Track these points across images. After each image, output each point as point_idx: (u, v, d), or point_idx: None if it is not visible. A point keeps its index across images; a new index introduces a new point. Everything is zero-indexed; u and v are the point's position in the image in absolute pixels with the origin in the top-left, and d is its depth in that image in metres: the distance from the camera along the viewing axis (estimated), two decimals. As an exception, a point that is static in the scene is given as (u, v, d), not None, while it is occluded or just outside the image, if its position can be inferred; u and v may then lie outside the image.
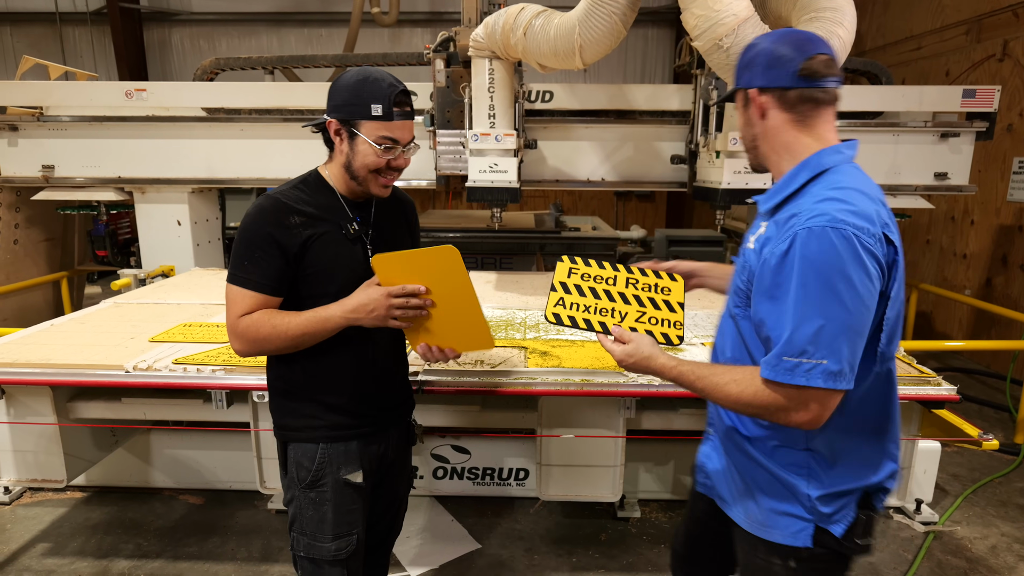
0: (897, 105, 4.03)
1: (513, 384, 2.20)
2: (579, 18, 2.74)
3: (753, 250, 1.30)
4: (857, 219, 1.15)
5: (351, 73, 1.54)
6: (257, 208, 1.53)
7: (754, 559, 1.40)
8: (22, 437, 2.64)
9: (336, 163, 1.60)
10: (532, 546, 2.84)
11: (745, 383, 1.23)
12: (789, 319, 1.16)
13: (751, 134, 1.36)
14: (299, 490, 1.65)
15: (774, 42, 1.30)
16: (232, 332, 1.54)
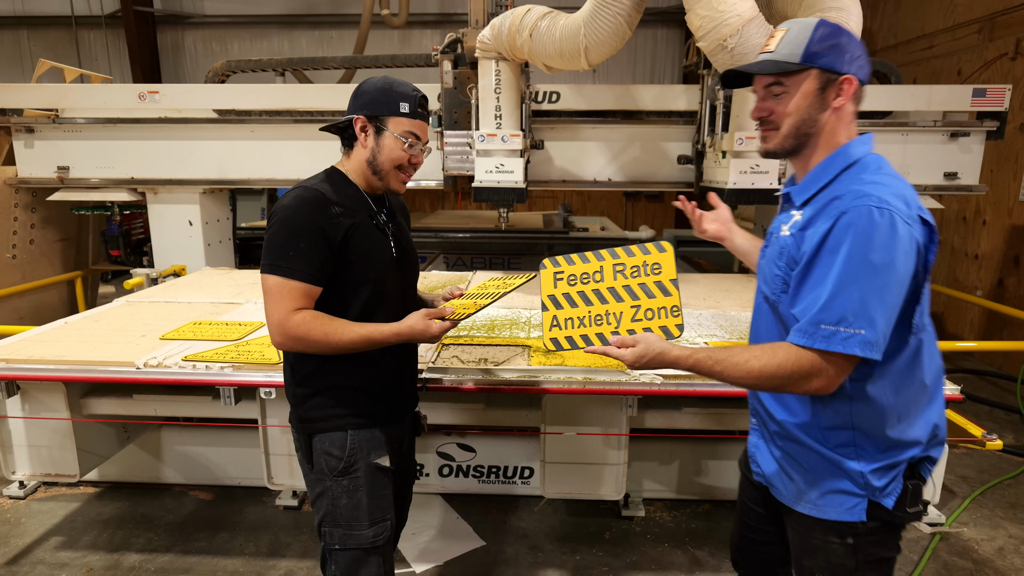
0: (906, 104, 4.00)
1: (516, 382, 2.22)
2: (584, 19, 2.76)
3: (789, 236, 1.33)
4: (897, 200, 1.20)
5: (377, 78, 1.66)
6: (297, 199, 1.56)
7: (811, 540, 1.42)
8: (36, 432, 2.70)
9: (358, 159, 1.67)
10: (536, 544, 2.85)
11: (767, 356, 1.27)
12: (828, 289, 1.21)
13: (812, 118, 1.31)
14: (331, 480, 1.67)
15: (855, 39, 1.32)
16: (278, 327, 1.53)
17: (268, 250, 1.55)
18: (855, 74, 1.29)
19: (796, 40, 1.29)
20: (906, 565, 2.70)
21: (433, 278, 3.88)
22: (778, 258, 1.35)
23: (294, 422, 1.72)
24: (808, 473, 1.40)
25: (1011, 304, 4.93)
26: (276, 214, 1.57)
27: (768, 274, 1.40)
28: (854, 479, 1.35)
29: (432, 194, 10.12)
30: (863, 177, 1.26)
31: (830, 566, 1.40)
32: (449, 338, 2.69)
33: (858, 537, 1.37)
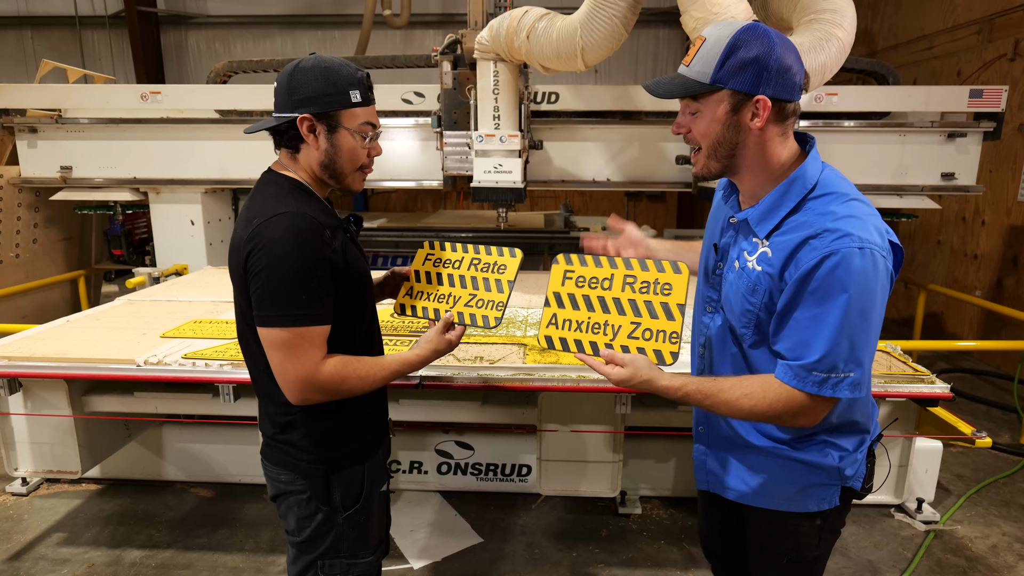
0: (903, 105, 4.02)
1: (511, 380, 2.25)
2: (581, 21, 2.78)
3: (763, 273, 1.27)
4: (874, 235, 1.19)
5: (308, 62, 1.40)
6: (292, 230, 1.33)
7: (782, 527, 1.46)
8: (38, 429, 2.73)
9: (309, 163, 1.44)
10: (533, 541, 2.88)
11: (758, 395, 1.27)
12: (820, 339, 1.20)
13: (732, 140, 1.24)
14: (343, 518, 1.53)
15: (779, 46, 1.20)
16: (307, 383, 1.35)
17: (273, 298, 1.32)
18: (773, 93, 1.19)
19: (708, 57, 1.21)
20: (900, 562, 2.72)
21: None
22: (750, 294, 1.30)
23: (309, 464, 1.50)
24: (785, 478, 1.42)
25: (1009, 304, 4.93)
26: (268, 251, 1.31)
27: (737, 308, 1.34)
28: (830, 474, 1.40)
29: (434, 194, 10.14)
30: (834, 211, 1.21)
31: (798, 547, 1.47)
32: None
33: (826, 518, 1.44)
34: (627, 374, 1.33)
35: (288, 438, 1.49)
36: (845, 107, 3.99)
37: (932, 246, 6.28)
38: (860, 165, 4.13)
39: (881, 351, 2.51)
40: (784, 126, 1.25)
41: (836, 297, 1.17)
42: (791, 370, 1.24)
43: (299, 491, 1.51)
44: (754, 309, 1.30)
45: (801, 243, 1.21)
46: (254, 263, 1.33)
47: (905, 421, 2.52)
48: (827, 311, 1.18)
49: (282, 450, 1.51)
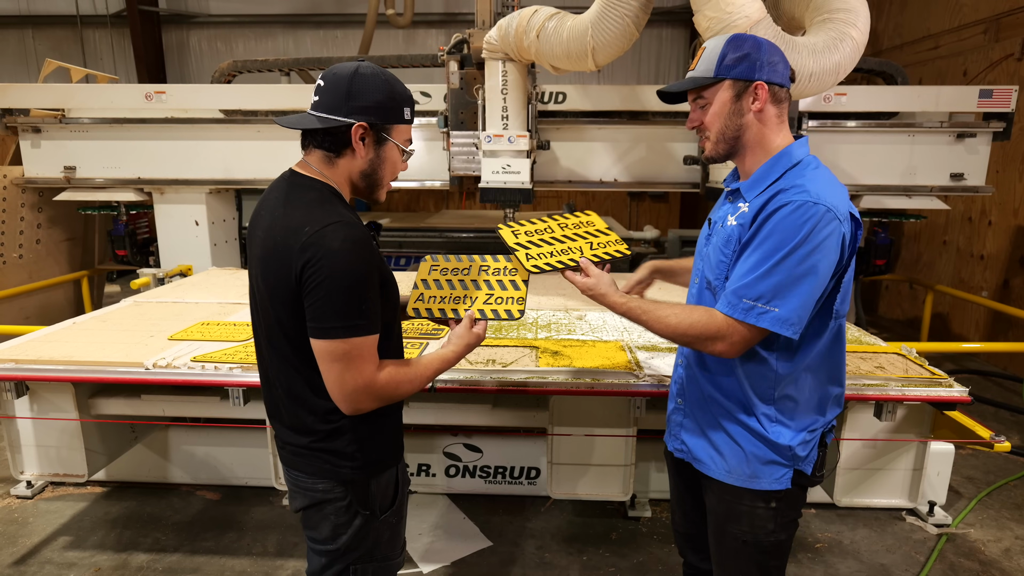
0: (913, 105, 4.00)
1: (524, 384, 2.23)
2: (592, 20, 2.76)
3: (737, 225, 1.46)
4: (833, 199, 1.36)
5: (369, 71, 1.41)
6: (351, 241, 1.32)
7: (738, 507, 1.55)
8: (44, 432, 2.71)
9: (348, 170, 1.44)
10: (543, 544, 2.86)
11: (684, 315, 1.44)
12: (756, 269, 1.36)
13: (736, 124, 1.46)
14: (379, 521, 1.54)
15: (767, 46, 1.45)
16: (367, 391, 1.37)
17: (335, 309, 1.31)
18: (767, 78, 1.42)
19: (710, 57, 1.45)
20: (913, 566, 2.70)
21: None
22: (724, 246, 1.47)
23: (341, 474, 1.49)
24: (741, 450, 1.53)
25: (1017, 305, 4.91)
26: (328, 262, 1.30)
27: (714, 260, 1.51)
28: (782, 452, 1.50)
29: (436, 194, 10.12)
30: (805, 175, 1.40)
31: (753, 529, 1.55)
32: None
33: (780, 501, 1.53)
34: (591, 283, 1.57)
35: (332, 446, 1.48)
36: (854, 107, 3.97)
37: (938, 246, 6.26)
38: (869, 165, 4.11)
39: (897, 354, 2.49)
40: (780, 109, 1.47)
41: (779, 237, 1.34)
42: (725, 297, 1.41)
43: (338, 498, 1.49)
44: (727, 260, 1.46)
45: (771, 197, 1.39)
46: (312, 274, 1.31)
47: (919, 424, 2.50)
48: (769, 248, 1.35)
49: (321, 459, 1.48)
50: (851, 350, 2.51)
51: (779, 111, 1.47)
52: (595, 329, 2.87)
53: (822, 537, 2.89)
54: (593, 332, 2.82)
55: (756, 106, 1.43)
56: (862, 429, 2.44)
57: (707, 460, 1.59)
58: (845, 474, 2.49)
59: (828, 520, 3.00)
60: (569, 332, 2.81)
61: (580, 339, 2.70)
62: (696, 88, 1.49)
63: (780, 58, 1.46)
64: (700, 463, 1.61)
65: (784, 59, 1.47)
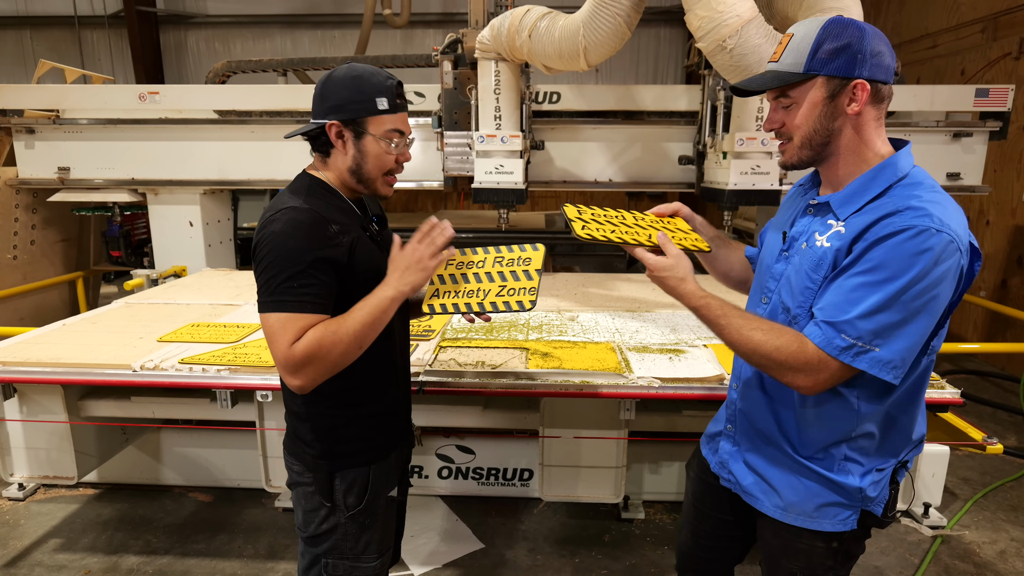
0: (909, 105, 3.98)
1: (514, 385, 2.21)
2: (583, 20, 2.74)
3: (829, 247, 1.26)
4: (957, 226, 1.16)
5: (341, 71, 1.46)
6: (293, 224, 1.38)
7: (796, 544, 1.41)
8: (34, 435, 2.70)
9: (338, 168, 1.50)
10: (536, 546, 2.85)
11: (772, 335, 1.24)
12: (858, 299, 1.17)
13: (826, 128, 1.24)
14: (345, 518, 1.56)
15: (869, 29, 1.21)
16: (287, 364, 1.35)
17: (267, 284, 1.37)
18: (870, 75, 1.20)
19: (799, 48, 1.22)
20: (907, 568, 2.68)
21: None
22: (813, 270, 1.27)
23: (312, 459, 1.55)
24: (801, 490, 1.39)
25: (1014, 305, 4.89)
26: (267, 241, 1.37)
27: (797, 286, 1.30)
28: (851, 495, 1.35)
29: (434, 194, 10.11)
30: (920, 195, 1.19)
31: (810, 566, 1.42)
32: (447, 340, 2.69)
33: (843, 541, 1.39)
34: (669, 263, 1.35)
35: (298, 429, 1.57)
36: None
37: (936, 246, 6.23)
38: (865, 165, 4.09)
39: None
40: (879, 110, 1.26)
41: (892, 268, 1.14)
42: (818, 327, 1.21)
43: (306, 483, 1.56)
44: (814, 286, 1.27)
45: (879, 218, 1.18)
46: (257, 254, 1.40)
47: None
48: (878, 279, 1.15)
49: (294, 439, 1.59)
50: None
51: (878, 112, 1.25)
52: (587, 330, 2.85)
53: (816, 539, 2.87)
54: (584, 333, 2.80)
55: (854, 108, 1.21)
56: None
57: (760, 496, 1.45)
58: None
59: (822, 522, 2.98)
60: (560, 333, 2.80)
61: (571, 340, 2.68)
62: (779, 86, 1.26)
63: (886, 47, 1.22)
64: (752, 498, 1.47)
65: (890, 48, 1.23)
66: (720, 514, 1.62)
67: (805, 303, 1.29)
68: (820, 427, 1.34)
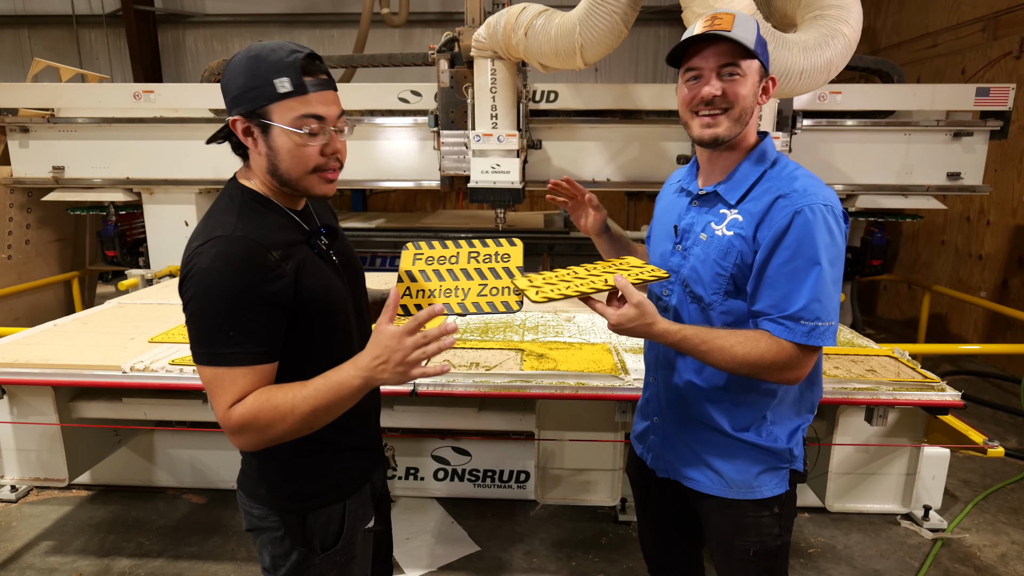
0: (909, 104, 3.95)
1: (508, 387, 2.18)
2: (580, 18, 2.71)
3: (735, 235, 1.35)
4: (835, 198, 1.31)
5: (239, 55, 1.21)
6: (223, 258, 1.15)
7: (743, 519, 1.49)
8: (25, 436, 2.67)
9: (258, 170, 1.26)
10: (532, 549, 2.82)
11: (751, 345, 1.29)
12: (805, 288, 1.27)
13: (751, 108, 1.33)
14: (320, 559, 1.38)
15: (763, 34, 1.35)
16: (225, 427, 1.18)
17: (196, 332, 1.17)
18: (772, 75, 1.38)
19: (747, 27, 1.28)
20: (907, 572, 2.66)
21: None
22: (722, 258, 1.36)
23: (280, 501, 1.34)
24: (740, 464, 1.47)
25: (1015, 305, 4.86)
26: (194, 280, 1.15)
27: (707, 275, 1.39)
28: (782, 456, 1.46)
29: (433, 194, 10.07)
30: (796, 176, 1.33)
31: (761, 538, 1.50)
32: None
33: (782, 505, 1.49)
34: (633, 314, 1.27)
35: (261, 471, 1.34)
36: (849, 106, 3.92)
37: (936, 246, 6.21)
38: (865, 165, 4.07)
39: (888, 357, 2.44)
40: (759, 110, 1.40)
41: (810, 250, 1.26)
42: (778, 324, 1.30)
43: (272, 528, 1.36)
44: (726, 272, 1.36)
45: (771, 203, 1.30)
46: (184, 293, 1.18)
47: (912, 428, 2.45)
48: (804, 264, 1.27)
49: (256, 482, 1.36)
50: (842, 352, 2.46)
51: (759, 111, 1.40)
52: (583, 331, 2.83)
53: (815, 542, 2.84)
54: (581, 334, 2.77)
55: (764, 99, 1.35)
56: (853, 433, 2.39)
57: (702, 479, 1.51)
58: (837, 479, 2.44)
59: (821, 524, 2.96)
60: (557, 334, 2.77)
61: (567, 341, 2.66)
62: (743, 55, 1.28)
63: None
64: (693, 482, 1.53)
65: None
66: (669, 508, 1.68)
67: (719, 289, 1.38)
68: (752, 401, 1.43)
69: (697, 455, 1.51)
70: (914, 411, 2.43)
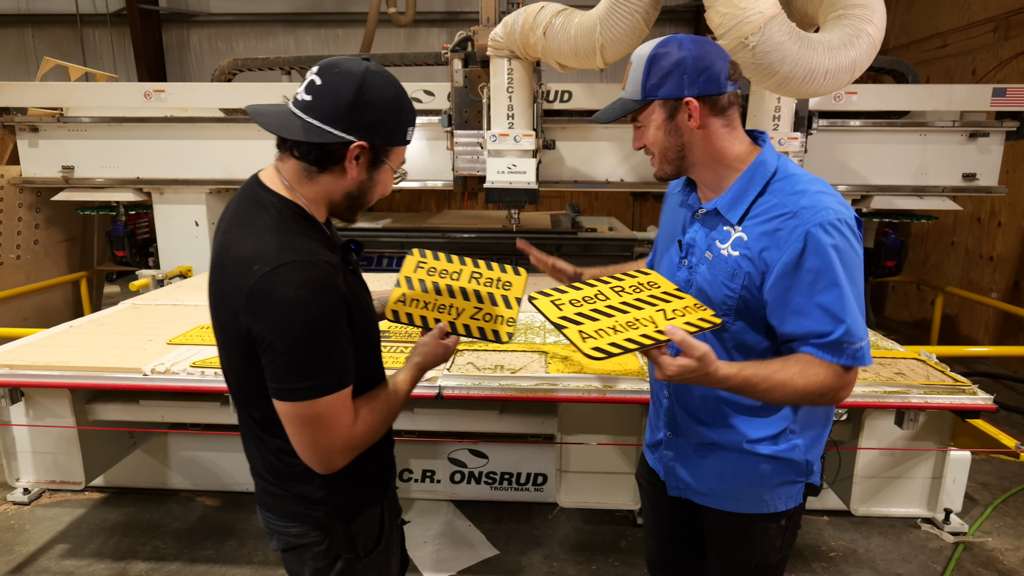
0: (924, 104, 3.93)
1: (534, 391, 2.16)
2: (600, 17, 2.69)
3: (740, 256, 1.31)
4: (846, 208, 1.27)
5: (384, 81, 1.19)
6: (309, 286, 1.12)
7: (748, 531, 1.48)
8: (41, 439, 2.65)
9: (330, 187, 1.23)
10: (551, 553, 2.80)
11: (810, 374, 1.25)
12: (838, 310, 1.23)
13: (678, 143, 1.33)
14: (363, 561, 1.39)
15: (693, 49, 1.29)
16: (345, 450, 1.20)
17: (299, 370, 1.12)
18: (700, 92, 1.28)
19: (636, 76, 1.32)
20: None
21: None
22: (730, 280, 1.32)
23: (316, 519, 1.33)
24: (755, 477, 1.43)
25: (1027, 307, 4.85)
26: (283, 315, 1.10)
27: (717, 297, 1.35)
28: (799, 468, 1.43)
29: (438, 194, 10.04)
30: (804, 190, 1.28)
31: (763, 551, 1.49)
32: (463, 344, 2.63)
33: (790, 518, 1.47)
34: (695, 366, 1.18)
35: (301, 489, 1.31)
36: (865, 106, 3.90)
37: (946, 247, 6.19)
38: (880, 165, 4.05)
39: (915, 359, 2.42)
40: (726, 118, 1.33)
41: (832, 272, 1.22)
42: (825, 348, 1.25)
43: (315, 543, 1.35)
44: (735, 294, 1.32)
45: (779, 224, 1.26)
46: (264, 328, 1.11)
47: (939, 431, 2.43)
48: (829, 286, 1.23)
49: (292, 500, 1.33)
50: (869, 355, 2.45)
51: (725, 119, 1.32)
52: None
53: (836, 546, 2.82)
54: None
55: (693, 123, 1.29)
56: (879, 437, 2.37)
57: (711, 493, 1.50)
58: (862, 483, 2.42)
59: (842, 528, 2.94)
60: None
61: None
62: (623, 115, 1.38)
63: (713, 61, 1.29)
64: (704, 497, 1.52)
65: (719, 56, 1.30)
66: (676, 516, 1.65)
67: (730, 310, 1.35)
68: (775, 409, 1.40)
69: (711, 472, 1.48)
70: (940, 414, 2.41)
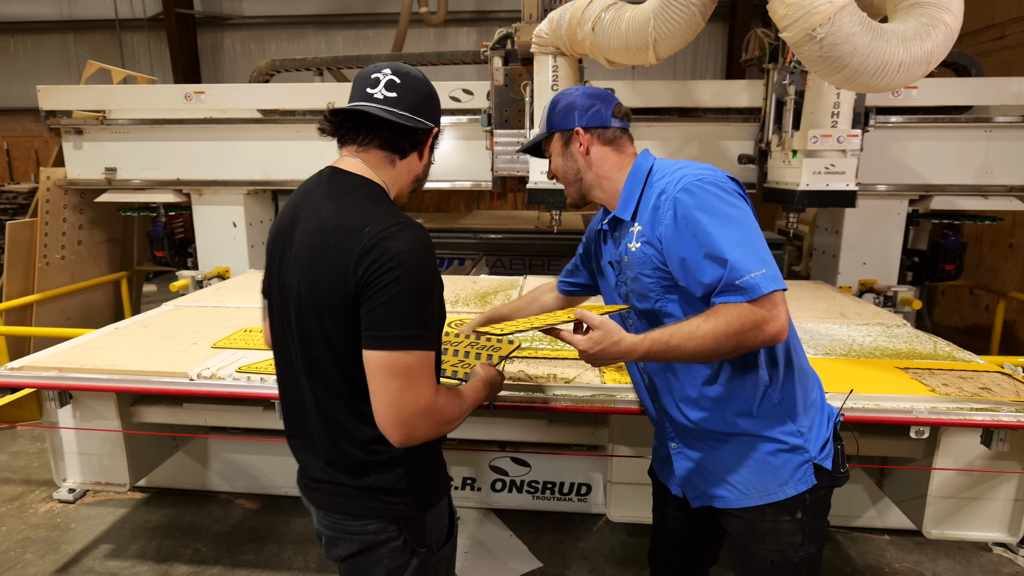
0: (991, 99, 3.72)
1: (591, 401, 2.05)
2: (654, 10, 2.58)
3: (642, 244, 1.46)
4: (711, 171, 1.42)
5: (423, 78, 1.38)
6: (421, 244, 1.21)
7: (761, 525, 1.47)
8: (87, 440, 2.65)
9: (407, 172, 1.39)
10: (597, 566, 2.70)
11: (712, 320, 1.29)
12: (724, 250, 1.30)
13: (573, 168, 1.58)
14: (435, 556, 1.40)
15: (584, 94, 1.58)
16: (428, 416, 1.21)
17: (403, 316, 1.17)
18: (586, 124, 1.55)
19: (544, 115, 1.63)
20: (1006, 602, 2.47)
21: (483, 283, 3.74)
22: (642, 267, 1.46)
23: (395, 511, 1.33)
24: (758, 466, 1.46)
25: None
26: (398, 264, 1.17)
27: (640, 288, 1.48)
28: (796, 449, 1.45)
29: (467, 194, 10.00)
30: (671, 172, 1.44)
31: (780, 546, 1.47)
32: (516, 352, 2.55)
33: (805, 510, 1.46)
34: (599, 335, 1.33)
35: (382, 482, 1.31)
36: (925, 101, 3.72)
37: (1003, 250, 5.90)
38: (941, 163, 3.84)
39: (1000, 372, 2.26)
40: (614, 147, 1.57)
41: (704, 222, 1.32)
42: (725, 292, 1.31)
43: (392, 539, 1.33)
44: (654, 276, 1.44)
45: (656, 204, 1.42)
46: (377, 277, 1.17)
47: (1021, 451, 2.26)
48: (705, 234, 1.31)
49: (369, 496, 1.32)
50: (946, 368, 2.29)
51: (613, 148, 1.56)
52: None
53: (900, 568, 2.67)
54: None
55: (582, 150, 1.56)
56: (956, 456, 2.22)
57: (725, 494, 1.53)
58: (936, 503, 2.27)
59: (906, 549, 2.78)
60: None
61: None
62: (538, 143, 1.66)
63: (598, 103, 1.56)
64: (719, 499, 1.54)
65: (603, 100, 1.57)
66: (682, 513, 1.69)
67: (660, 293, 1.45)
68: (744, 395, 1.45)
69: (727, 472, 1.51)
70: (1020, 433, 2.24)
